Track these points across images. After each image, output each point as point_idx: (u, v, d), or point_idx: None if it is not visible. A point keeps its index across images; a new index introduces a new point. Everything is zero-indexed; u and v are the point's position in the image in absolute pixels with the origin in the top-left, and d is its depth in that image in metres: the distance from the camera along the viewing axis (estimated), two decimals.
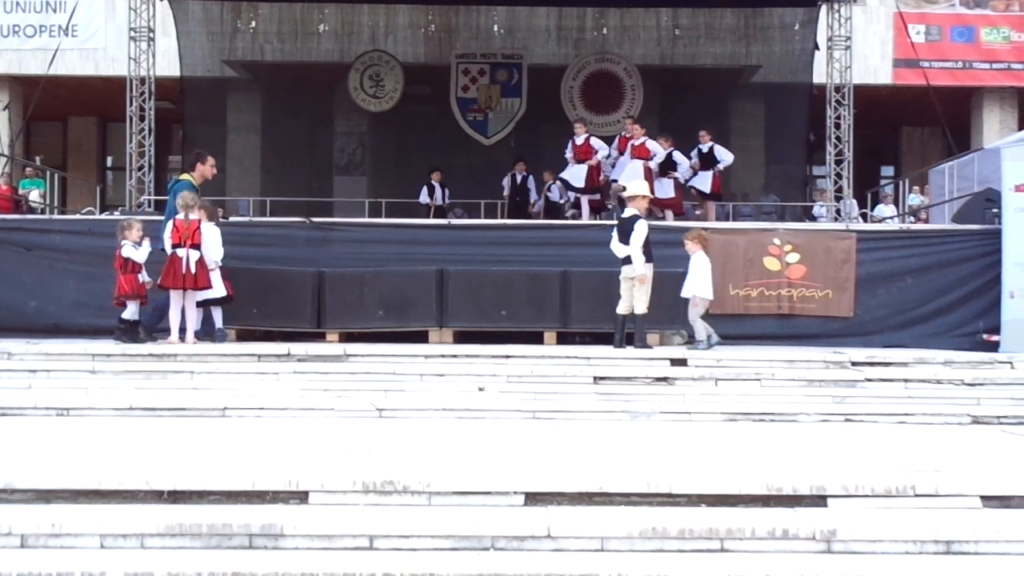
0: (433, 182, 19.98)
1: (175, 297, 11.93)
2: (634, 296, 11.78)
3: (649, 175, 16.67)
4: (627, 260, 11.88)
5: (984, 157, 17.00)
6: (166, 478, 6.05)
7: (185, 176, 12.84)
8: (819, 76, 20.12)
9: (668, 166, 17.24)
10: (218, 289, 12.29)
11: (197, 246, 11.88)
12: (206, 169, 12.98)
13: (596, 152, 17.55)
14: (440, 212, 19.58)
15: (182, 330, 11.90)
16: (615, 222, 12.68)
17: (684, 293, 12.15)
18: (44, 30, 24.25)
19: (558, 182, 18.29)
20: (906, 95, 24.42)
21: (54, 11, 24.32)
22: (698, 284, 12.12)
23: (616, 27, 22.18)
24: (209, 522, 5.57)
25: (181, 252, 11.82)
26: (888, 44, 24.89)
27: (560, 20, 22.16)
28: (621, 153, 17.56)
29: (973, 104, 25.82)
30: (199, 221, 12.01)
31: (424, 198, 19.88)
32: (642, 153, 16.94)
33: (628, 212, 12.20)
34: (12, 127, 23.97)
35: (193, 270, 11.81)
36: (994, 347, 13.10)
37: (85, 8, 23.38)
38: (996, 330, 13.48)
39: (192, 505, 5.88)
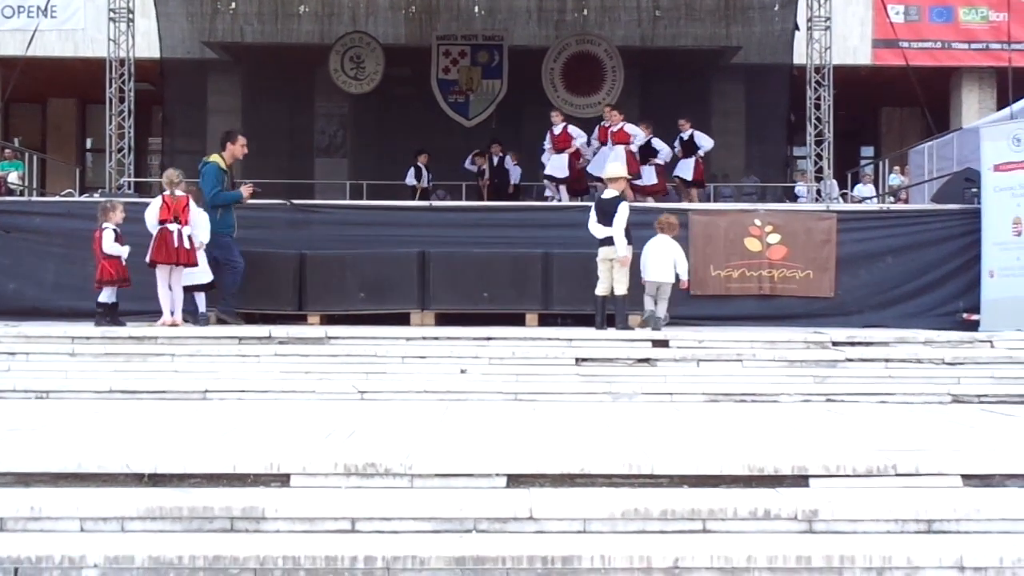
0: (420, 164, 19.94)
1: (162, 274, 11.86)
2: (615, 278, 11.80)
3: (632, 160, 16.65)
4: (605, 241, 11.90)
5: (963, 137, 17.07)
6: (146, 461, 6.03)
7: (214, 157, 12.65)
8: (799, 57, 20.07)
9: (648, 153, 17.24)
10: (205, 274, 12.24)
11: (186, 222, 11.81)
12: (236, 149, 12.82)
13: (575, 140, 17.52)
14: (425, 194, 19.54)
15: (172, 310, 11.90)
16: (592, 203, 12.71)
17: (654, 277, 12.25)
18: (23, 11, 24.07)
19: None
20: (886, 75, 24.44)
21: None
22: (647, 266, 12.22)
23: (597, 8, 22.10)
24: (190, 505, 5.56)
25: (172, 227, 11.74)
26: (867, 25, 24.90)
27: (541, 1, 22.06)
28: (602, 143, 17.50)
29: (952, 84, 25.88)
30: (188, 197, 11.95)
31: (411, 180, 19.84)
32: (622, 138, 16.92)
33: (609, 193, 12.20)
34: None
35: (187, 245, 11.77)
36: (974, 326, 13.14)
37: None
38: (976, 309, 13.53)
39: (173, 488, 5.86)
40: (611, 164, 13.52)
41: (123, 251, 11.77)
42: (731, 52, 22.35)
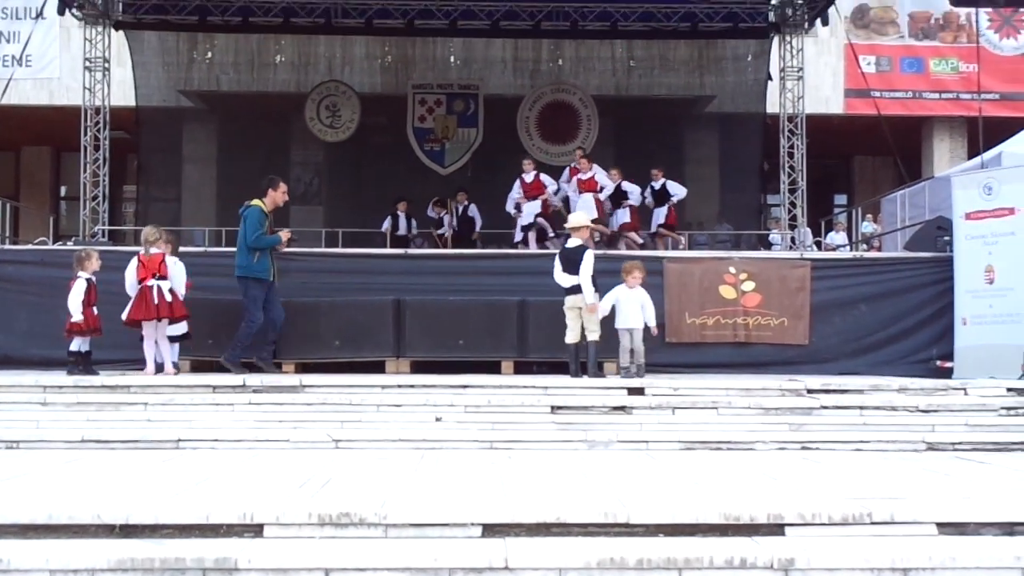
0: (399, 212, 19.94)
1: (148, 329, 11.83)
2: (585, 326, 11.81)
3: (600, 207, 16.76)
4: (571, 290, 11.90)
5: (935, 185, 17.20)
6: (118, 512, 5.97)
7: (256, 202, 12.55)
8: (772, 106, 20.33)
9: (620, 196, 17.35)
10: (181, 325, 12.20)
11: (164, 277, 11.79)
12: (278, 195, 12.75)
13: (547, 188, 17.61)
14: (404, 242, 19.49)
15: (159, 362, 11.86)
16: (557, 251, 12.76)
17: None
18: None
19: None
20: (858, 124, 24.70)
21: (8, 42, 24.23)
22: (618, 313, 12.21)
23: (571, 58, 22.33)
24: (162, 556, 5.50)
25: (152, 283, 11.71)
26: (839, 75, 25.24)
27: (516, 51, 22.28)
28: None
29: (923, 133, 26.18)
30: (163, 254, 11.92)
31: (385, 226, 19.84)
32: (591, 186, 17.02)
33: (573, 242, 12.23)
34: None
35: (168, 298, 11.72)
36: (948, 373, 13.20)
37: (40, 38, 23.16)
38: (949, 356, 13.58)
39: (144, 539, 5.80)
40: (574, 214, 13.50)
41: (76, 314, 11.67)
42: (705, 101, 22.55)
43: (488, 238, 19.92)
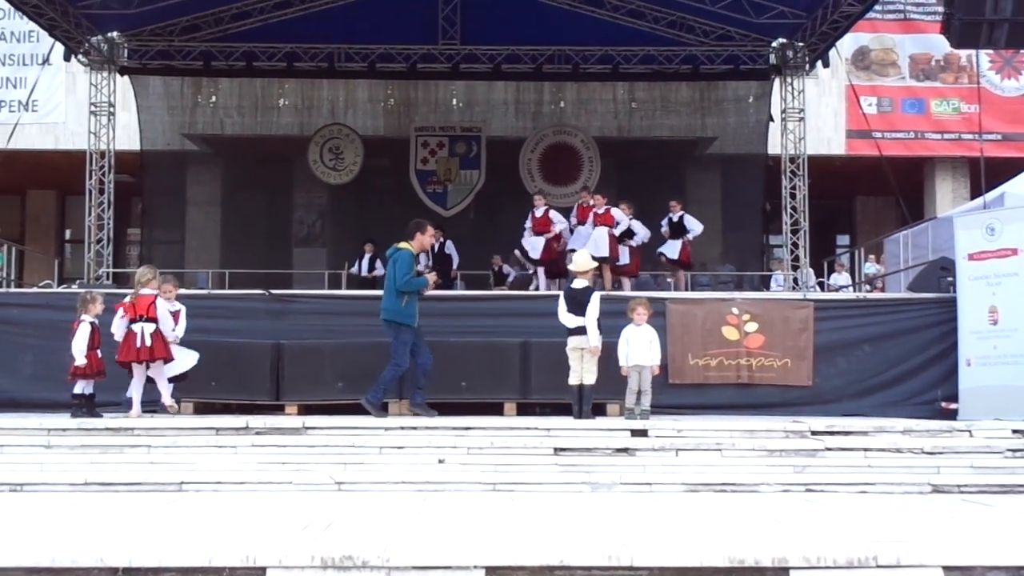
0: (365, 253, 19.83)
1: (136, 371, 11.87)
2: (585, 368, 11.79)
3: (614, 242, 16.78)
4: (576, 331, 11.89)
5: (937, 226, 17.21)
6: (121, 554, 5.96)
7: (405, 245, 12.40)
8: (774, 147, 20.40)
9: (626, 234, 17.34)
10: (179, 366, 12.21)
11: (152, 319, 11.81)
12: (426, 239, 12.78)
13: (555, 224, 17.65)
14: (371, 284, 19.21)
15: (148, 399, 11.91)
16: (561, 292, 12.76)
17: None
18: (3, 105, 24.35)
19: (517, 252, 18.40)
20: (860, 165, 24.78)
21: (14, 87, 24.46)
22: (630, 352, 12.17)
23: (573, 100, 22.44)
24: None
25: (136, 327, 11.76)
26: (841, 116, 25.35)
27: (518, 94, 22.39)
28: (581, 222, 17.55)
29: (925, 174, 26.25)
30: (154, 296, 11.95)
31: (354, 269, 19.81)
32: (607, 220, 16.99)
33: (580, 283, 12.23)
34: None
35: (148, 342, 11.74)
36: (952, 415, 13.15)
37: (46, 84, 23.41)
38: (954, 398, 13.54)
39: None
40: (580, 254, 13.35)
41: (80, 358, 11.70)
42: (706, 142, 22.65)
43: (471, 279, 19.90)
